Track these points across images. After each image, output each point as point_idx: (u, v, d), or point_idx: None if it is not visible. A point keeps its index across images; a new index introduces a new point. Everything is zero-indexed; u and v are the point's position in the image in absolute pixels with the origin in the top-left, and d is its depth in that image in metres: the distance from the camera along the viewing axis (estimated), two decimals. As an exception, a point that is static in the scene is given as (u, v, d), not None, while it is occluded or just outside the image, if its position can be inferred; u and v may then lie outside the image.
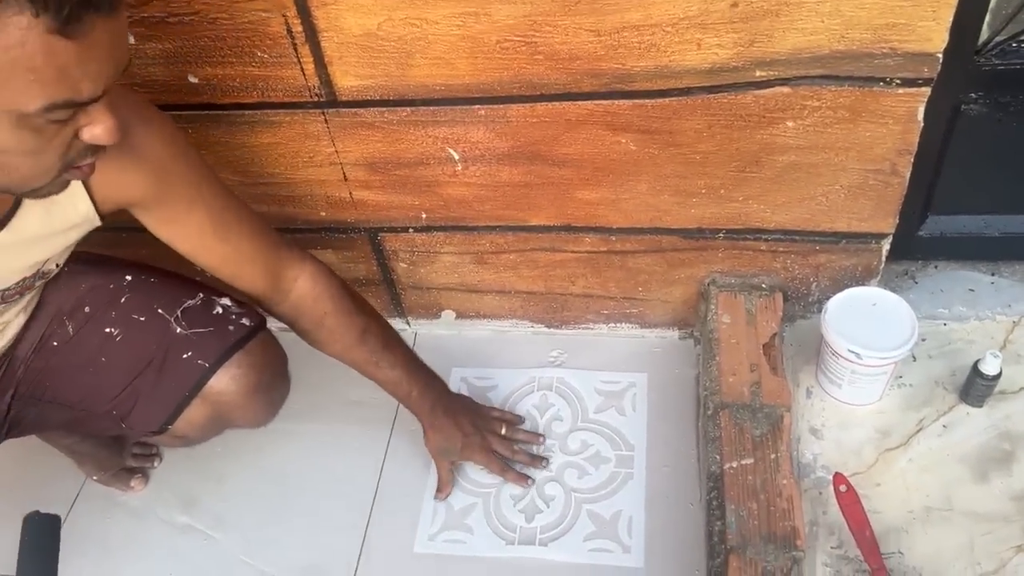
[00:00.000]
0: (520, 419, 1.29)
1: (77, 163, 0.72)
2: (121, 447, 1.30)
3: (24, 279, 0.91)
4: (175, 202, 0.91)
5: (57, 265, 0.95)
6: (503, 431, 1.23)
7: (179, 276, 1.07)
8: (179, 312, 1.01)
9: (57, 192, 0.76)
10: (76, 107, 0.66)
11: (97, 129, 0.68)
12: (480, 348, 1.40)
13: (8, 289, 0.90)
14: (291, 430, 1.32)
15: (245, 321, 1.03)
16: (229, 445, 1.30)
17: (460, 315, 1.42)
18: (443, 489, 1.21)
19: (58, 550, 0.90)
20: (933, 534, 1.02)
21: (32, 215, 0.83)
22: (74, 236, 0.91)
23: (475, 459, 1.20)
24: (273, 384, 1.07)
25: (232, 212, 0.96)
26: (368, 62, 1.02)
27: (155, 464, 1.32)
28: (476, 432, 1.18)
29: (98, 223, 0.90)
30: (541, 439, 1.26)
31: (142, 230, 1.01)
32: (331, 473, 1.28)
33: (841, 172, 1.08)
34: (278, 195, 1.22)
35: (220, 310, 1.03)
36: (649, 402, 1.29)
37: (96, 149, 0.72)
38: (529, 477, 1.22)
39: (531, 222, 1.22)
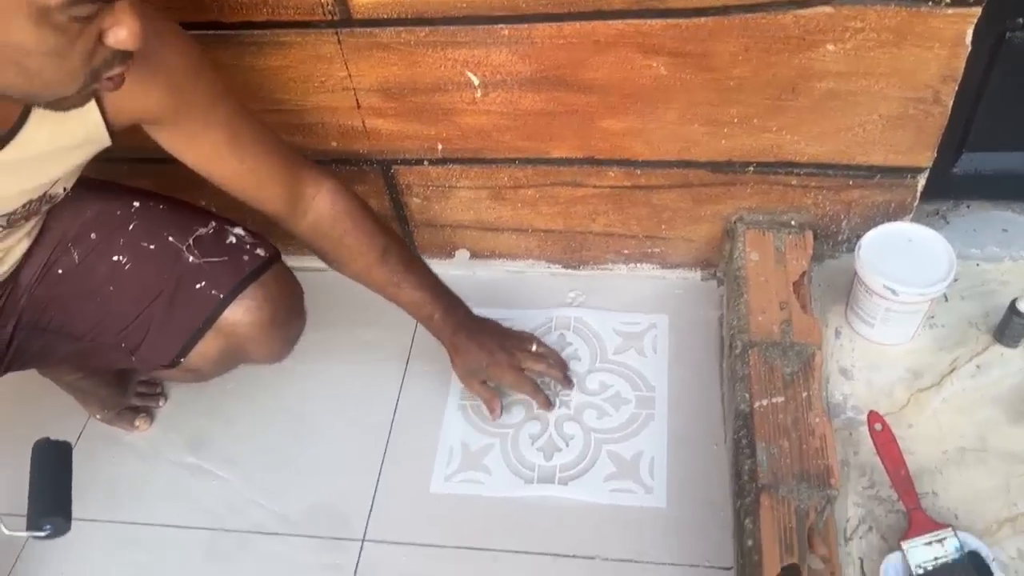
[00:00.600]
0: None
1: (105, 73, 0.68)
2: (125, 386, 1.26)
3: (30, 202, 0.86)
4: (191, 118, 0.87)
5: (64, 189, 0.91)
6: (534, 348, 1.19)
7: (189, 204, 1.02)
8: (191, 240, 0.96)
9: (81, 105, 0.72)
10: (100, 2, 0.61)
11: (122, 32, 0.64)
12: (495, 289, 1.36)
13: (14, 213, 0.86)
14: (302, 370, 1.28)
15: (260, 252, 0.99)
16: (238, 385, 1.28)
17: (475, 255, 1.37)
18: (493, 410, 1.17)
19: (71, 476, 0.86)
20: (968, 475, 0.99)
21: (40, 130, 0.78)
22: (83, 155, 0.86)
23: (503, 379, 1.16)
24: (289, 319, 1.03)
25: (248, 128, 0.92)
26: (386, -24, 0.97)
27: (160, 404, 1.28)
28: (502, 351, 1.14)
29: (108, 142, 0.85)
30: (569, 365, 1.23)
31: (146, 161, 0.97)
32: (343, 414, 1.24)
33: (881, 100, 1.03)
34: (287, 123, 1.17)
35: (233, 240, 0.98)
36: (670, 344, 1.26)
37: (123, 57, 0.68)
38: (554, 404, 1.19)
39: (552, 154, 1.17)
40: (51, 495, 0.85)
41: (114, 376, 1.25)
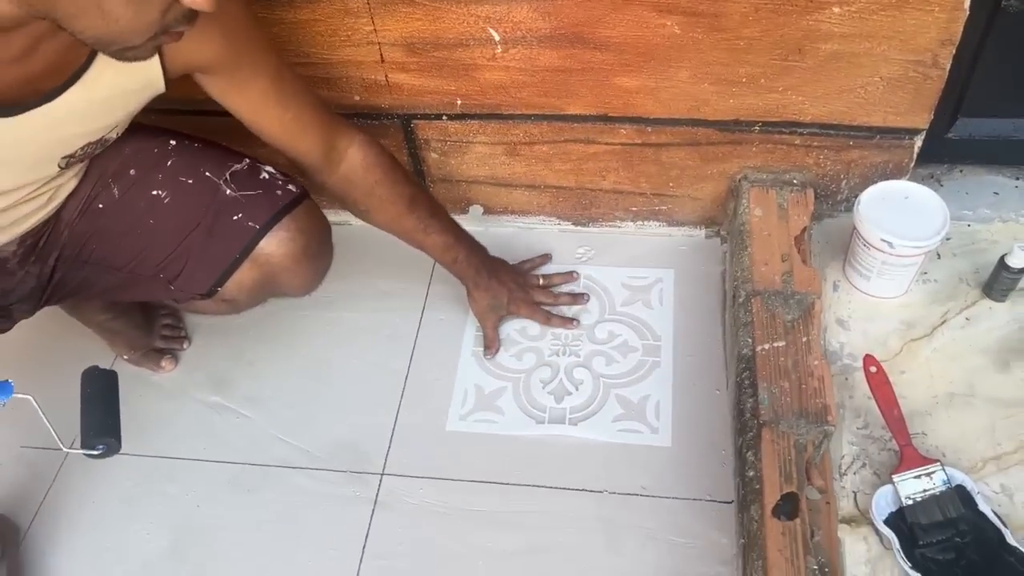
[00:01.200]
0: (547, 257, 1.36)
1: (172, 28, 0.72)
2: (151, 327, 1.31)
3: (88, 144, 0.91)
4: (242, 68, 0.92)
5: (116, 134, 0.95)
6: (541, 281, 1.29)
7: (220, 144, 1.07)
8: (227, 175, 1.01)
9: (146, 58, 0.77)
10: None
11: None
12: (508, 244, 1.40)
13: (72, 155, 0.90)
14: (322, 317, 1.34)
15: (291, 187, 1.04)
16: (260, 330, 1.33)
17: (488, 210, 1.42)
18: (491, 347, 1.26)
19: (119, 402, 0.91)
20: (956, 417, 1.05)
21: (104, 73, 0.83)
22: (139, 101, 0.91)
23: (521, 312, 1.26)
24: (320, 252, 1.08)
25: (290, 81, 0.98)
26: (415, -68, 1.01)
27: (184, 346, 1.33)
28: (519, 287, 1.24)
29: (163, 89, 0.90)
30: (575, 275, 1.33)
31: (178, 112, 1.00)
32: (363, 358, 1.30)
33: (882, 63, 1.08)
34: (313, 76, 1.21)
35: (266, 176, 1.03)
36: (676, 297, 1.31)
37: (192, 17, 0.73)
38: (574, 319, 1.28)
39: (567, 111, 1.21)
40: (103, 418, 0.90)
41: (141, 318, 1.30)
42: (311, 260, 1.06)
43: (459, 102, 1.23)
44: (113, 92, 0.85)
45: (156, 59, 0.85)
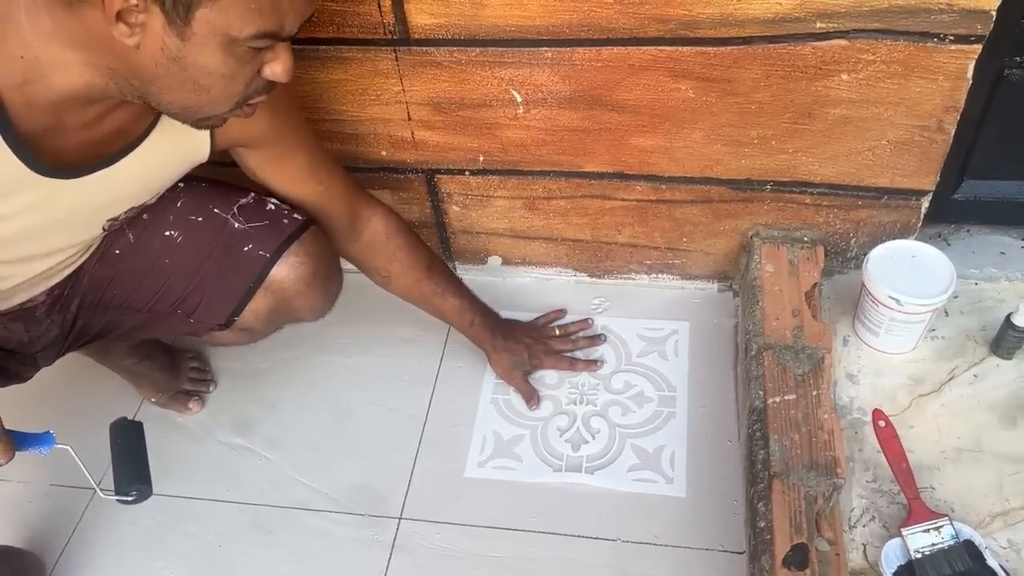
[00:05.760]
0: (563, 311, 1.39)
1: (251, 99, 0.80)
2: (178, 370, 1.35)
3: (132, 208, 0.96)
4: (282, 144, 0.99)
5: (155, 199, 1.00)
6: (557, 332, 1.33)
7: (225, 181, 1.10)
8: (235, 209, 1.06)
9: (219, 125, 0.84)
10: (274, 40, 0.74)
11: (278, 67, 0.77)
12: (524, 294, 1.45)
13: (116, 219, 0.95)
14: (343, 362, 1.38)
15: (297, 216, 1.08)
16: (282, 374, 1.37)
17: (506, 261, 1.46)
18: (532, 399, 1.28)
19: (147, 450, 0.94)
20: (963, 473, 1.07)
21: (161, 143, 0.89)
22: (183, 169, 0.97)
23: (545, 364, 1.29)
24: (329, 275, 1.12)
25: (322, 155, 1.05)
26: (444, 0, 1.07)
27: (210, 388, 1.37)
28: (536, 342, 1.28)
29: (205, 159, 0.96)
30: (589, 321, 1.37)
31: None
32: (382, 403, 1.33)
33: (889, 127, 1.12)
34: (342, 132, 1.27)
35: (272, 207, 1.08)
36: (691, 348, 1.34)
37: (269, 88, 0.80)
38: (598, 360, 1.31)
39: (585, 168, 1.26)
40: (134, 466, 0.93)
41: (167, 361, 1.34)
42: (321, 283, 1.10)
43: (481, 158, 1.28)
44: (165, 160, 0.91)
45: (207, 133, 0.91)
